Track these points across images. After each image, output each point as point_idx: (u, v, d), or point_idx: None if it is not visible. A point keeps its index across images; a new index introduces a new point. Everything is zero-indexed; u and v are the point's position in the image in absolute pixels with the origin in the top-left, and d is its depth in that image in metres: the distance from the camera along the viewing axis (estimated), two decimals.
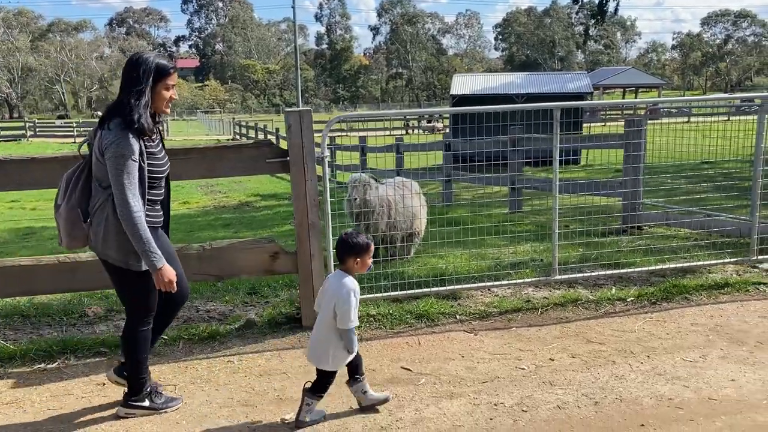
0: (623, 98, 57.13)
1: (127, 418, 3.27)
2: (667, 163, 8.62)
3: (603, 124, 31.10)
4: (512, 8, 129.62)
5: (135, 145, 2.95)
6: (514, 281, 5.04)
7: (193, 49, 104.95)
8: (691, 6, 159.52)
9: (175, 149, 3.98)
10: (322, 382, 3.13)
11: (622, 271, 5.23)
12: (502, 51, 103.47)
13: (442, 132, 28.54)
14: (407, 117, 37.25)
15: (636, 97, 56.46)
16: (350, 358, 3.14)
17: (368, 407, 3.27)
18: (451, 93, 25.35)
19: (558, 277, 4.99)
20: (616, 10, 20.76)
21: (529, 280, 5.04)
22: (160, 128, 3.26)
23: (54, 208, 3.17)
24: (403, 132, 33.21)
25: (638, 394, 3.37)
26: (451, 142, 11.53)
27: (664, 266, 5.25)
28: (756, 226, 5.19)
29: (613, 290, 4.99)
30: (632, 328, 4.31)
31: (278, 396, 3.50)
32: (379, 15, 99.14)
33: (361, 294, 4.33)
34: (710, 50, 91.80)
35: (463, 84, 25.94)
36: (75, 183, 3.11)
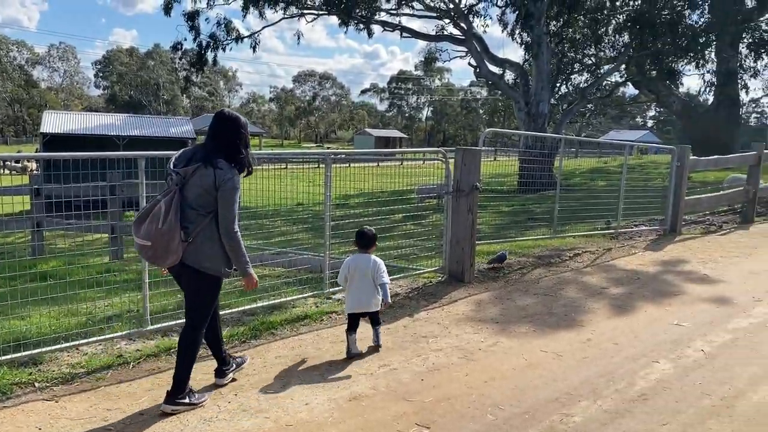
0: None
1: (174, 414, 3.71)
2: (267, 207, 9.33)
3: None
4: (112, 46, 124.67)
5: (240, 181, 3.73)
6: (105, 336, 4.78)
7: None
8: (283, 64, 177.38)
9: None
10: (377, 316, 4.90)
11: None
12: (104, 89, 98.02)
13: (34, 173, 25.49)
14: None
15: None
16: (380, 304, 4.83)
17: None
18: (41, 131, 22.99)
19: (151, 327, 4.91)
20: (214, 61, 21.79)
21: (121, 333, 4.84)
22: None
23: (155, 229, 3.52)
24: None
25: None
26: (42, 188, 10.39)
27: (255, 305, 5.65)
28: (327, 262, 6.01)
29: None
30: None
31: None
32: None
33: None
34: (302, 105, 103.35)
35: (55, 122, 23.76)
36: (175, 208, 3.57)
